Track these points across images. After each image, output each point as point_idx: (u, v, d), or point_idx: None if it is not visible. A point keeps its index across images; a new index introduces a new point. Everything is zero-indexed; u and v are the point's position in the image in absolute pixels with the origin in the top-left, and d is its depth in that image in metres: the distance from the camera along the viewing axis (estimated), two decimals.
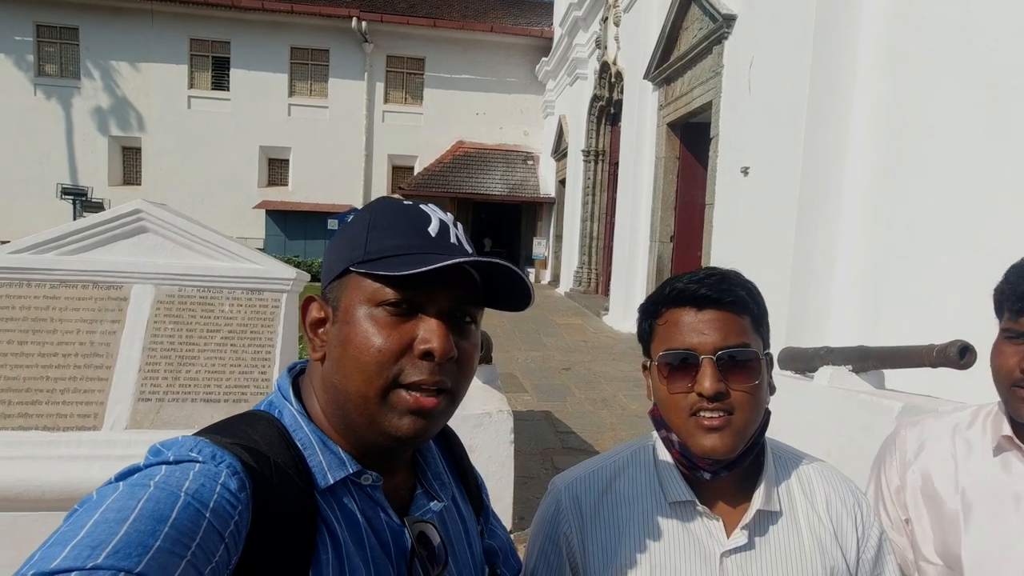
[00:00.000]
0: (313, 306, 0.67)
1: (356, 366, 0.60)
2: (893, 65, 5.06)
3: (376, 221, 0.64)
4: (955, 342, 3.33)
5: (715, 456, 0.79)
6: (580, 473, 0.94)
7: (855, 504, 0.90)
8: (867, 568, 0.87)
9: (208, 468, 0.51)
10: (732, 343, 0.80)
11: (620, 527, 0.87)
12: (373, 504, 0.64)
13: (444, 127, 18.34)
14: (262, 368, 2.38)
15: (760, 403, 0.83)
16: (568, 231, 15.10)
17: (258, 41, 17.43)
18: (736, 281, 0.83)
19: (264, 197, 17.48)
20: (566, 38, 14.82)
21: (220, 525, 0.48)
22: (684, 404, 0.81)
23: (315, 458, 0.61)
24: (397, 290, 0.60)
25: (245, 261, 2.50)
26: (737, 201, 6.52)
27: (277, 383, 0.68)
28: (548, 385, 6.45)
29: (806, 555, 0.84)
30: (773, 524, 0.85)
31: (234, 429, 0.59)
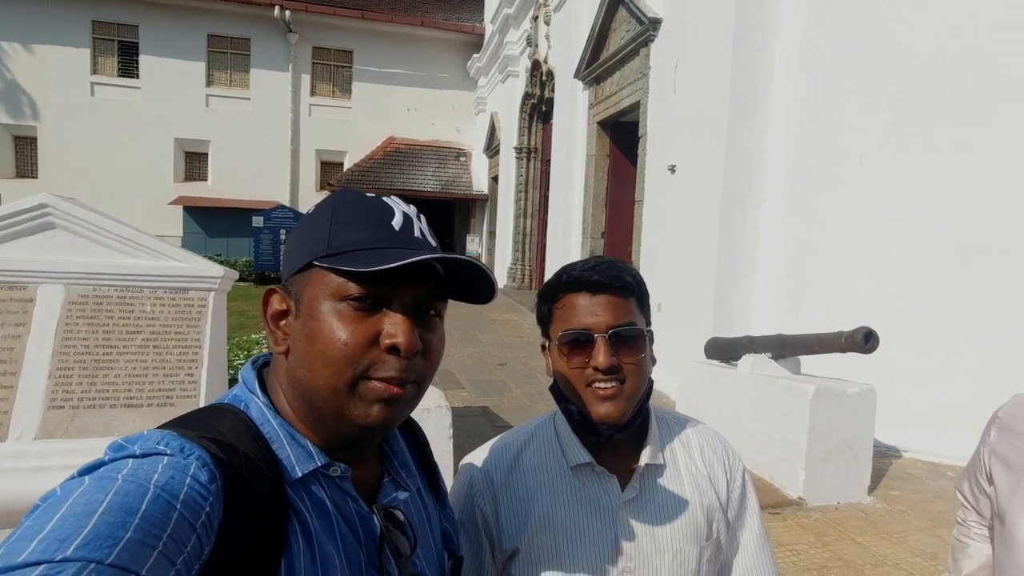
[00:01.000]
0: (274, 298, 0.66)
1: (322, 360, 0.60)
2: (807, 68, 5.42)
3: (339, 214, 0.63)
4: (860, 329, 3.62)
5: (609, 420, 0.90)
6: (490, 450, 1.03)
7: (723, 452, 1.04)
8: (735, 503, 1.02)
9: (177, 461, 0.50)
10: (621, 322, 0.90)
11: (529, 494, 0.96)
12: (342, 494, 0.64)
13: (374, 122, 17.92)
14: (188, 370, 2.26)
15: (645, 373, 0.94)
16: (501, 228, 15.17)
17: (171, 26, 16.33)
18: (623, 268, 0.94)
19: (181, 192, 16.46)
20: (497, 35, 14.85)
21: (191, 516, 0.47)
22: (582, 377, 0.91)
23: (283, 451, 0.61)
24: (362, 285, 0.60)
25: (168, 259, 2.36)
26: (665, 198, 6.77)
27: (241, 376, 0.67)
28: (485, 381, 6.48)
29: (687, 498, 0.97)
30: (659, 476, 0.98)
31: (200, 423, 0.59)
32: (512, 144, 13.81)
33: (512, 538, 0.95)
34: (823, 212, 5.25)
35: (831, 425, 3.71)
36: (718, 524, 0.99)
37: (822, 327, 4.04)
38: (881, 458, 4.31)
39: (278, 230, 14.15)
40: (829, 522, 3.44)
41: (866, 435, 3.81)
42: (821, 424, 3.70)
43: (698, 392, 4.62)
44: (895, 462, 4.40)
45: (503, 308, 11.58)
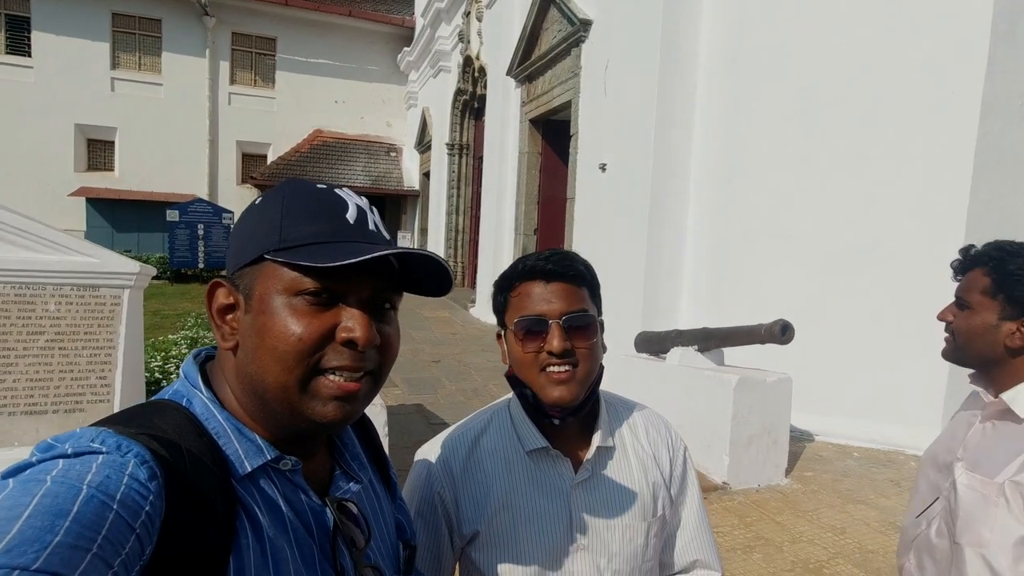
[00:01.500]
0: (220, 292, 0.63)
1: (274, 356, 0.58)
2: (728, 74, 5.69)
3: (290, 205, 0.61)
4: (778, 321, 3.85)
5: (563, 403, 0.94)
6: (445, 438, 1.06)
7: (667, 432, 1.11)
8: (678, 479, 1.09)
9: (113, 458, 0.48)
10: (574, 308, 0.94)
11: (487, 479, 1.00)
12: (293, 487, 0.63)
13: (300, 114, 17.25)
14: (100, 373, 2.09)
15: (597, 357, 0.98)
16: (433, 224, 15.02)
17: (69, 1, 15.02)
18: (576, 259, 0.98)
19: (84, 183, 15.20)
20: (428, 29, 14.67)
21: (129, 516, 0.45)
22: (536, 362, 0.94)
23: (231, 446, 0.59)
24: (317, 279, 0.58)
25: (75, 253, 2.18)
26: (596, 196, 6.93)
27: (183, 370, 0.65)
28: (418, 378, 6.40)
29: (635, 477, 1.03)
30: (610, 458, 1.03)
31: (139, 419, 0.56)
32: (444, 140, 13.70)
33: (471, 522, 0.98)
34: (741, 211, 5.54)
35: (752, 412, 3.93)
36: (663, 501, 1.04)
37: (743, 320, 4.26)
38: (796, 442, 4.61)
39: (196, 224, 13.35)
40: (751, 504, 3.65)
41: (783, 421, 4.06)
42: (743, 412, 3.90)
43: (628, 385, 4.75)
44: (808, 446, 4.71)
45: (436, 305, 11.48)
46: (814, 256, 5.07)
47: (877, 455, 4.55)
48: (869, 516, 3.51)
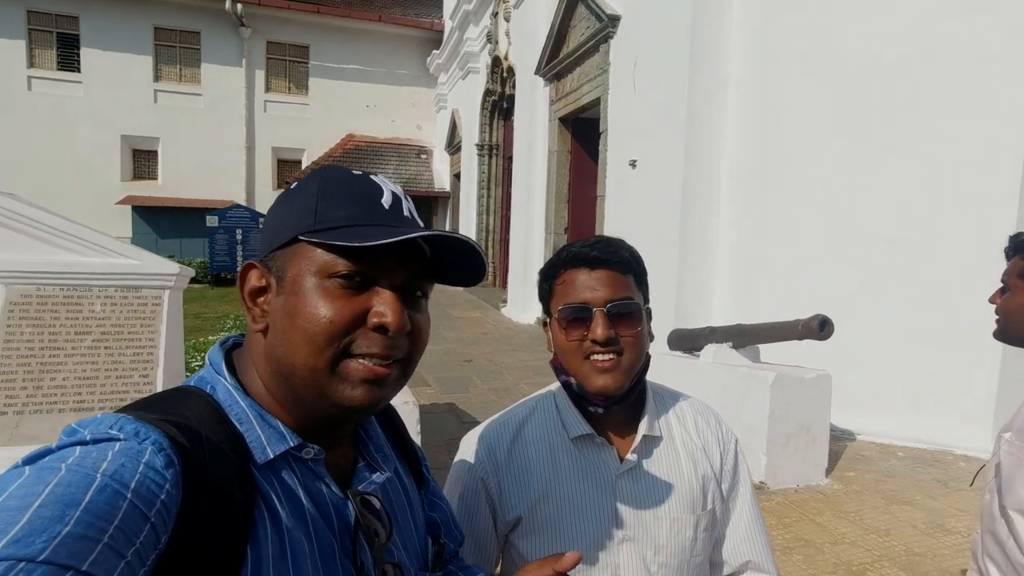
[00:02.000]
0: (253, 274, 0.63)
1: (304, 337, 0.58)
2: (759, 69, 5.57)
3: (326, 190, 0.61)
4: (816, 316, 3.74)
5: (607, 392, 0.92)
6: (491, 425, 1.06)
7: (716, 424, 1.08)
8: (729, 474, 1.06)
9: (130, 446, 0.48)
10: (619, 296, 0.93)
11: (530, 466, 0.99)
12: (315, 478, 0.62)
13: (333, 119, 17.59)
14: (143, 371, 2.17)
15: (642, 346, 0.96)
16: (464, 225, 15.11)
17: (114, 18, 15.65)
18: (621, 245, 0.97)
19: (129, 192, 15.81)
20: (457, 32, 14.77)
21: (144, 505, 0.45)
22: (581, 349, 0.93)
23: (253, 433, 0.58)
24: (351, 262, 0.58)
25: (119, 256, 2.26)
26: (626, 193, 6.86)
27: (209, 357, 0.64)
28: (450, 378, 6.44)
29: (683, 469, 1.01)
30: (656, 447, 1.01)
31: (161, 405, 0.56)
32: (474, 141, 13.77)
33: (514, 508, 0.97)
34: (775, 204, 5.41)
35: (790, 410, 3.83)
36: (713, 494, 1.02)
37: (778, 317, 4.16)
38: (837, 441, 4.48)
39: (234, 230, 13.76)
40: (790, 504, 3.55)
41: (823, 419, 3.94)
42: (780, 410, 3.81)
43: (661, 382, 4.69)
44: (850, 445, 4.57)
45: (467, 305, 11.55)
46: (853, 248, 4.91)
47: (923, 455, 4.38)
48: (915, 518, 3.38)
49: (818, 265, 5.10)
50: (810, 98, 5.16)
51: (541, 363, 7.03)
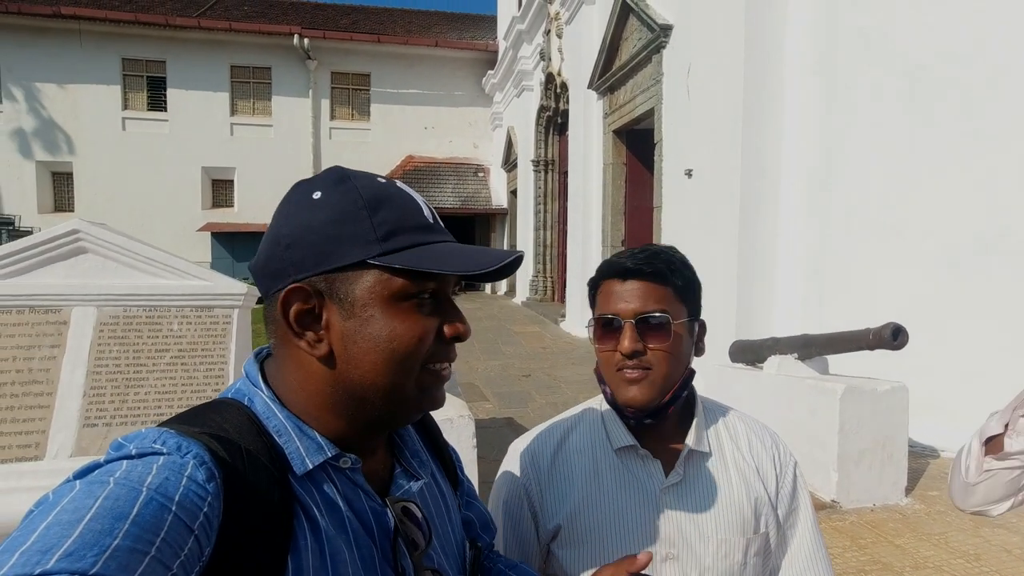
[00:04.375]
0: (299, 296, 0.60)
1: (394, 359, 0.60)
2: (820, 67, 5.37)
3: (373, 207, 0.60)
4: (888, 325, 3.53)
5: (635, 405, 0.91)
6: (535, 434, 1.06)
7: (773, 446, 1.03)
8: (785, 499, 1.00)
9: (173, 460, 0.50)
10: (650, 309, 0.91)
11: (572, 476, 0.98)
12: (353, 487, 0.63)
13: (393, 142, 18.25)
14: (215, 386, 2.32)
15: (676, 361, 0.93)
16: (522, 241, 15.22)
17: (196, 60, 16.96)
18: (661, 255, 0.93)
19: (209, 219, 16.95)
20: (511, 51, 15.04)
21: (188, 518, 0.46)
22: (612, 360, 0.93)
23: (291, 444, 0.60)
24: (425, 284, 0.60)
25: (193, 278, 2.44)
26: (683, 203, 6.73)
27: (245, 369, 0.66)
28: (509, 392, 6.47)
29: (733, 488, 0.96)
30: (704, 463, 0.97)
31: (201, 418, 0.58)
32: (529, 157, 13.91)
33: (554, 517, 0.97)
34: (840, 209, 5.17)
35: (862, 425, 3.62)
36: (767, 519, 0.97)
37: (847, 326, 3.96)
38: (917, 458, 4.19)
39: None
40: (865, 524, 3.35)
41: (900, 434, 3.70)
42: (852, 424, 3.61)
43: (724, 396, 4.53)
44: (932, 462, 4.26)
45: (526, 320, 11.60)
46: (928, 252, 4.62)
47: None
48: (1010, 542, 3.11)
49: (890, 270, 4.82)
50: (876, 94, 4.93)
51: None
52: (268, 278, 0.62)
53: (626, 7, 8.01)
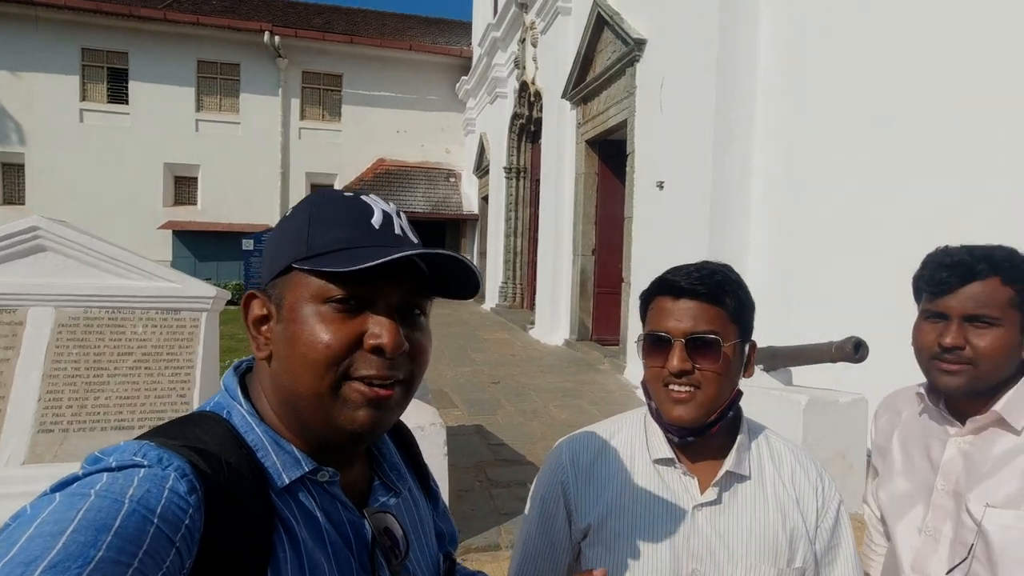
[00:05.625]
0: (255, 303, 0.65)
1: (304, 363, 0.59)
2: (788, 88, 5.54)
3: (317, 214, 0.62)
4: (850, 339, 3.65)
5: (681, 423, 0.92)
6: (582, 433, 1.09)
7: (818, 478, 1.01)
8: (825, 535, 0.98)
9: (154, 472, 0.49)
10: (701, 329, 0.91)
11: (609, 479, 1.00)
12: (331, 499, 0.63)
13: (364, 144, 18.06)
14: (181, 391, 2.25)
15: (725, 382, 0.93)
16: (492, 247, 15.23)
17: (160, 53, 16.47)
18: (715, 277, 0.94)
19: (171, 217, 16.45)
20: (485, 58, 15.08)
21: (170, 530, 0.46)
22: (659, 376, 0.94)
23: (269, 459, 0.60)
24: (344, 286, 0.59)
25: (160, 279, 2.36)
26: (654, 214, 6.84)
27: (223, 382, 0.66)
28: (478, 399, 6.44)
29: (769, 515, 0.95)
30: (742, 486, 0.97)
31: (181, 431, 0.57)
32: (501, 164, 13.94)
33: (586, 516, 0.99)
34: (806, 225, 5.32)
35: (824, 435, 3.72)
36: (804, 553, 0.95)
37: (812, 338, 4.07)
38: None
39: None
40: None
41: (859, 445, 3.82)
42: (814, 435, 3.70)
43: None
44: None
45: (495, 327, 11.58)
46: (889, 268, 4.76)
47: None
48: None
49: (854, 285, 4.98)
50: (844, 115, 5.10)
51: (569, 384, 6.99)
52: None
53: (601, 20, 8.13)
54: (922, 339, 1.11)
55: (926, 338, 1.10)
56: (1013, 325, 1.03)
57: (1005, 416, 1.04)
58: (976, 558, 1.03)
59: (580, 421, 5.58)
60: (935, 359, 1.08)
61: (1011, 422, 1.03)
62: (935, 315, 1.09)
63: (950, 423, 1.12)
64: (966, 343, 1.04)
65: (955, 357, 1.05)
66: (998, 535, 1.00)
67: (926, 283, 1.11)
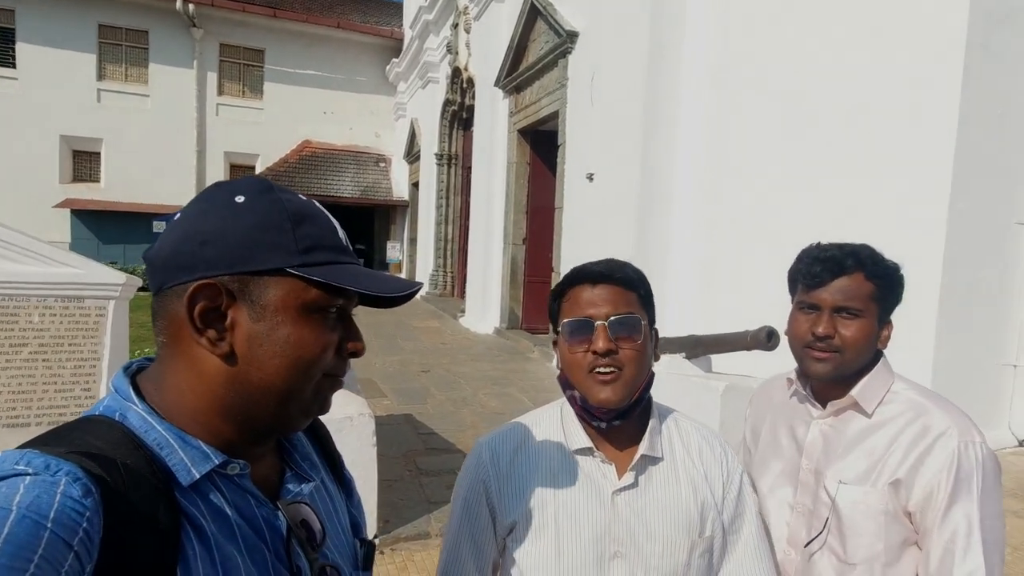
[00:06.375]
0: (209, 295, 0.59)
1: (298, 365, 0.62)
2: (712, 85, 5.78)
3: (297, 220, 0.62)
4: (763, 328, 3.88)
5: (608, 405, 0.95)
6: (500, 431, 1.10)
7: (722, 453, 1.08)
8: (731, 505, 1.05)
9: (43, 479, 0.47)
10: (621, 311, 0.96)
11: (530, 474, 1.02)
12: (242, 493, 0.63)
13: (288, 125, 17.25)
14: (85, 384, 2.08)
15: (645, 362, 0.99)
16: (423, 234, 15.04)
17: (54, 13, 14.94)
18: (627, 265, 1.02)
19: (69, 195, 15.08)
20: (417, 41, 14.76)
21: (66, 535, 0.45)
22: (583, 363, 0.96)
23: (174, 456, 0.58)
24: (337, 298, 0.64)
25: (60, 265, 2.17)
26: (584, 205, 6.98)
27: (114, 384, 0.64)
28: (408, 388, 6.38)
29: (682, 492, 1.02)
30: (656, 468, 1.02)
31: (66, 438, 0.55)
32: (433, 150, 13.75)
33: (511, 512, 1.01)
34: (726, 218, 5.61)
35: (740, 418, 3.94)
36: (713, 523, 1.01)
37: (731, 327, 4.30)
38: None
39: None
40: None
41: None
42: (731, 418, 3.92)
43: None
44: None
45: (425, 315, 11.47)
46: None
47: None
48: None
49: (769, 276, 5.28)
50: (761, 115, 5.39)
51: (499, 373, 7.04)
52: (172, 271, 0.60)
53: (535, 10, 8.14)
54: (796, 328, 1.19)
55: (800, 328, 1.17)
56: (873, 316, 1.14)
57: (859, 400, 1.14)
58: (830, 530, 1.13)
59: (510, 409, 5.64)
60: (808, 347, 1.16)
61: (864, 406, 1.14)
62: (809, 306, 1.16)
63: (814, 406, 1.22)
64: (835, 332, 1.13)
65: (825, 346, 1.13)
66: (848, 509, 1.11)
67: (802, 276, 1.19)
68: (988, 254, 4.68)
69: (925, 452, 1.06)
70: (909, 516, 1.08)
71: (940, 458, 1.04)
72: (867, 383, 1.15)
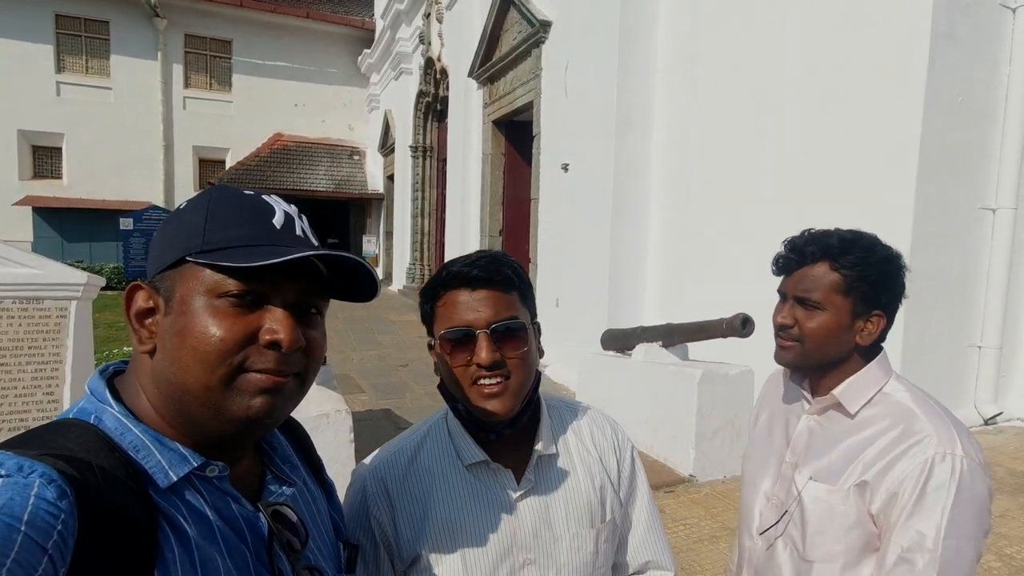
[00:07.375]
0: (139, 295, 0.63)
1: (195, 356, 0.58)
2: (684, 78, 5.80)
3: (216, 210, 0.62)
4: (738, 315, 3.93)
5: (497, 418, 0.90)
6: (382, 456, 1.01)
7: (612, 433, 1.08)
8: (626, 481, 1.06)
9: (15, 481, 0.47)
10: (503, 317, 0.89)
11: (425, 497, 0.95)
12: (222, 495, 0.63)
13: (259, 118, 16.87)
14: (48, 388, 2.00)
15: (531, 366, 0.93)
16: (399, 228, 14.90)
17: (6, 2, 14.35)
18: (504, 262, 0.93)
19: (30, 192, 14.58)
20: (388, 31, 14.54)
21: (40, 537, 0.44)
22: (467, 375, 0.89)
23: (152, 459, 0.58)
24: (241, 281, 0.59)
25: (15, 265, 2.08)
26: (559, 196, 6.97)
27: (89, 386, 0.63)
28: (386, 383, 6.33)
29: (580, 483, 1.00)
30: (553, 466, 0.99)
31: (39, 440, 0.54)
32: (407, 143, 13.60)
33: (411, 544, 0.93)
34: (700, 209, 5.65)
35: (716, 405, 4.01)
36: (612, 504, 1.02)
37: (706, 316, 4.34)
38: None
39: (151, 233, 12.91)
40: (717, 495, 3.72)
41: (746, 412, 4.15)
42: (707, 405, 3.98)
43: (596, 382, 4.81)
44: None
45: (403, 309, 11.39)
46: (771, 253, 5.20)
47: None
48: None
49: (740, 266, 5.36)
50: (732, 106, 5.42)
51: None
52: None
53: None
54: (773, 316, 1.19)
55: (774, 315, 1.18)
56: (839, 309, 1.08)
57: (841, 400, 1.12)
58: (793, 522, 1.13)
59: None
60: (776, 335, 1.17)
61: (847, 406, 1.11)
62: (780, 294, 1.18)
63: (807, 400, 1.20)
64: (795, 322, 1.11)
65: (786, 335, 1.13)
66: (811, 505, 1.10)
67: (775, 264, 1.21)
68: (954, 239, 4.79)
69: (896, 458, 1.03)
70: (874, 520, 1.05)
71: (910, 465, 1.00)
72: (852, 383, 1.12)
